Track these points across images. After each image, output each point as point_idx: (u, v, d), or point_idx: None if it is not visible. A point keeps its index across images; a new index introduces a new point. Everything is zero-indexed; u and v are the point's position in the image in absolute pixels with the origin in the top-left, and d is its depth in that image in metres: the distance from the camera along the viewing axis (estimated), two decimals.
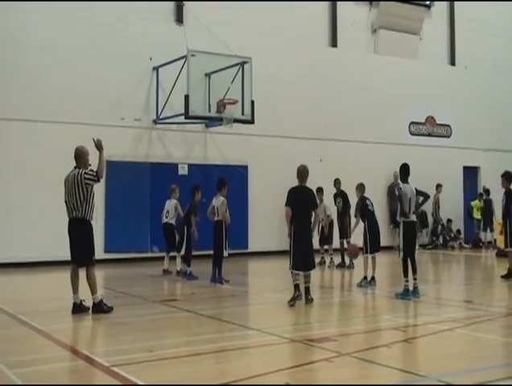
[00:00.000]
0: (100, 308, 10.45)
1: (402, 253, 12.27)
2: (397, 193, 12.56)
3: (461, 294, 13.49)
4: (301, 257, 11.58)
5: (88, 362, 7.39)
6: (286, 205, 11.70)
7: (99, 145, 10.52)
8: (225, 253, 14.16)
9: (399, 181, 12.93)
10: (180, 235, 15.32)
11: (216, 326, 9.77)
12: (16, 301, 12.03)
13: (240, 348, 8.20)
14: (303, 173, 11.94)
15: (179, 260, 15.84)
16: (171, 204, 16.02)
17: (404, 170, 12.55)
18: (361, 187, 14.67)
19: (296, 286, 11.57)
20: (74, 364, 7.48)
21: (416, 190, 12.53)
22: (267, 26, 22.27)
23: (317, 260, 17.99)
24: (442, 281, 16.70)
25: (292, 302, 11.36)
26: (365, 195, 14.53)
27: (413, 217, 12.31)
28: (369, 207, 14.27)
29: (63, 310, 10.37)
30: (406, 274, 12.18)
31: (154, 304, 11.79)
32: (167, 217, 16.10)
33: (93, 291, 10.50)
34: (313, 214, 11.86)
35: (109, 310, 10.52)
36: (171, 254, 16.11)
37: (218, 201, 14.22)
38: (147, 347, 7.94)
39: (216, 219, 14.22)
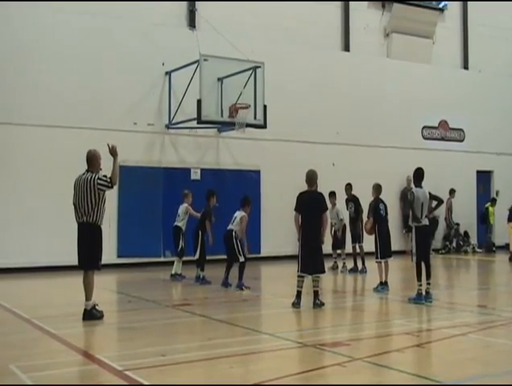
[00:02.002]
0: (91, 315, 10.28)
1: (415, 258, 12.25)
2: (409, 197, 12.52)
3: (474, 299, 13.43)
4: (309, 261, 11.60)
5: (102, 366, 7.40)
6: (294, 210, 11.80)
7: (113, 152, 10.39)
8: (241, 258, 14.15)
9: (412, 185, 12.90)
10: (194, 240, 15.31)
11: (229, 330, 9.75)
12: (30, 305, 12.08)
13: (253, 353, 8.19)
14: (311, 177, 11.96)
15: (178, 264, 15.88)
16: (181, 208, 16.02)
17: (418, 175, 12.50)
18: (377, 188, 14.49)
19: (298, 293, 11.62)
20: (87, 368, 7.50)
21: (430, 194, 12.50)
22: (280, 30, 22.31)
23: (329, 264, 18.13)
24: (455, 285, 16.63)
25: (296, 306, 11.48)
26: (380, 197, 14.47)
27: (425, 221, 12.27)
28: (381, 212, 14.13)
29: (76, 314, 10.36)
30: (419, 279, 12.13)
31: (167, 308, 11.82)
32: (181, 221, 16.06)
33: (88, 297, 10.34)
34: (323, 218, 11.77)
35: (101, 316, 10.38)
36: (184, 259, 16.13)
37: (240, 214, 14.24)
38: (160, 352, 7.95)
39: (228, 227, 14.24)
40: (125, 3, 19.70)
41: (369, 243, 15.51)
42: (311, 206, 11.66)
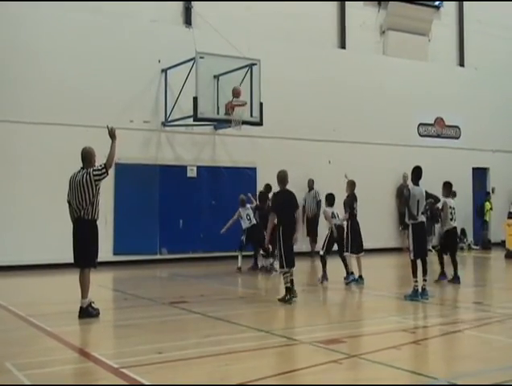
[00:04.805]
0: (88, 313, 10.28)
1: (412, 254, 12.26)
2: (404, 193, 12.55)
3: (470, 296, 13.47)
4: (292, 255, 11.96)
5: (98, 364, 7.41)
6: (272, 210, 12.33)
7: (112, 134, 10.37)
8: (321, 252, 14.62)
9: (408, 183, 12.95)
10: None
11: (225, 327, 9.74)
12: (26, 303, 12.06)
13: (249, 350, 8.20)
14: (284, 177, 12.33)
15: (263, 258, 17.12)
16: (248, 210, 17.31)
17: (416, 173, 12.53)
18: (351, 185, 14.86)
19: (287, 289, 11.81)
20: (83, 366, 7.50)
21: (426, 193, 12.53)
22: (276, 28, 22.26)
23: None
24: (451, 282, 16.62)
25: (290, 301, 11.68)
26: (354, 193, 14.83)
27: (421, 218, 12.30)
28: (355, 209, 14.66)
29: (72, 312, 10.36)
30: (415, 275, 12.17)
31: (164, 306, 11.81)
32: (249, 220, 17.26)
33: (84, 295, 10.31)
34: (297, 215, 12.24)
35: (97, 314, 10.38)
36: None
37: (334, 210, 14.80)
38: (156, 349, 7.96)
39: (337, 223, 14.63)
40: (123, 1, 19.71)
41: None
42: (288, 205, 12.07)
